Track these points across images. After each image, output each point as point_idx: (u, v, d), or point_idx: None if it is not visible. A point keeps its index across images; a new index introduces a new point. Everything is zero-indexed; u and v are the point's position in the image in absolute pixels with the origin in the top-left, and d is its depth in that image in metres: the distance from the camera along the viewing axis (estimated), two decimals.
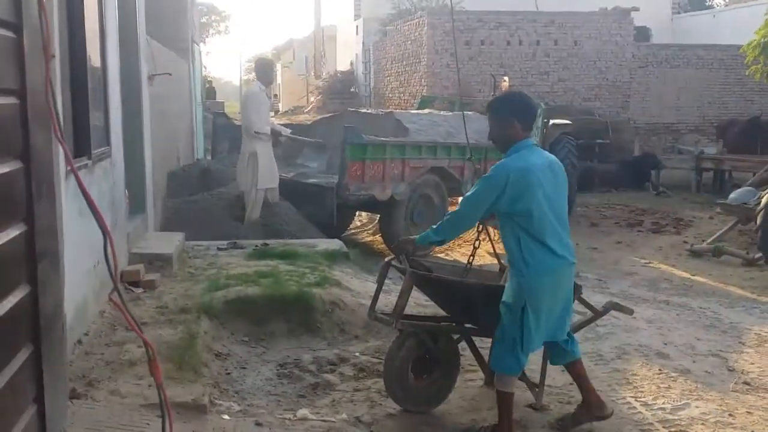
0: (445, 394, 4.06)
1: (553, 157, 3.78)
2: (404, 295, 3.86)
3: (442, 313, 4.47)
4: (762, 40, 13.61)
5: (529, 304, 3.52)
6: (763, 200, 8.78)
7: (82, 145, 4.43)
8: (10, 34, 1.66)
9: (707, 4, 35.24)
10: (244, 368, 4.60)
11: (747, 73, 14.84)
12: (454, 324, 4.22)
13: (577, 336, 4.03)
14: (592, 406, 3.83)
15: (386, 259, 4.22)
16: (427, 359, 3.99)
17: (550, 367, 4.00)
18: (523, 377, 4.00)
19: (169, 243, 6.52)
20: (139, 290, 5.38)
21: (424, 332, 3.97)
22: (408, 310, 4.25)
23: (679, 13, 27.98)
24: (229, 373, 4.46)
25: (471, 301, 3.95)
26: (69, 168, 1.91)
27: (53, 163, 2.50)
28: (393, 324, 3.90)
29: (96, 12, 4.95)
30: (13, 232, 1.67)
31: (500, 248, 3.98)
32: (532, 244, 3.53)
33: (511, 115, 3.66)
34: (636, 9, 19.50)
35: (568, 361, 3.87)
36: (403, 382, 3.94)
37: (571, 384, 4.30)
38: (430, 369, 4.00)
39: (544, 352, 3.94)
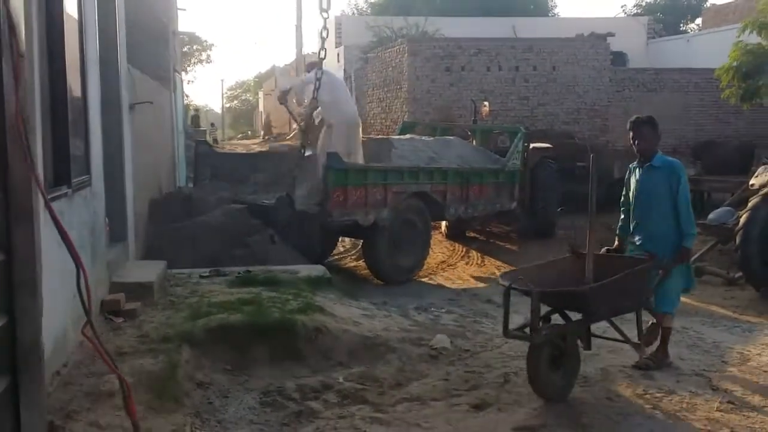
0: (572, 384, 4.60)
1: None
2: (536, 314, 4.32)
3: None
4: (734, 63, 13.92)
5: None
6: (742, 220, 8.88)
7: (61, 174, 4.40)
8: None
9: (681, 29, 36.01)
10: (227, 397, 4.55)
11: (722, 97, 15.11)
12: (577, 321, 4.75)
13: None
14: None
15: (506, 284, 4.50)
16: (556, 356, 4.55)
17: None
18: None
19: (150, 271, 6.46)
20: (120, 320, 5.32)
21: (556, 335, 4.57)
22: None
23: (654, 38, 28.53)
24: (211, 403, 4.40)
25: (589, 300, 4.53)
26: (43, 201, 1.89)
27: (31, 193, 2.48)
28: (534, 340, 4.40)
29: (77, 40, 4.95)
30: None
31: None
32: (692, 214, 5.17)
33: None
34: (612, 35, 19.86)
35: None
36: (547, 379, 4.48)
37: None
38: (559, 364, 4.55)
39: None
